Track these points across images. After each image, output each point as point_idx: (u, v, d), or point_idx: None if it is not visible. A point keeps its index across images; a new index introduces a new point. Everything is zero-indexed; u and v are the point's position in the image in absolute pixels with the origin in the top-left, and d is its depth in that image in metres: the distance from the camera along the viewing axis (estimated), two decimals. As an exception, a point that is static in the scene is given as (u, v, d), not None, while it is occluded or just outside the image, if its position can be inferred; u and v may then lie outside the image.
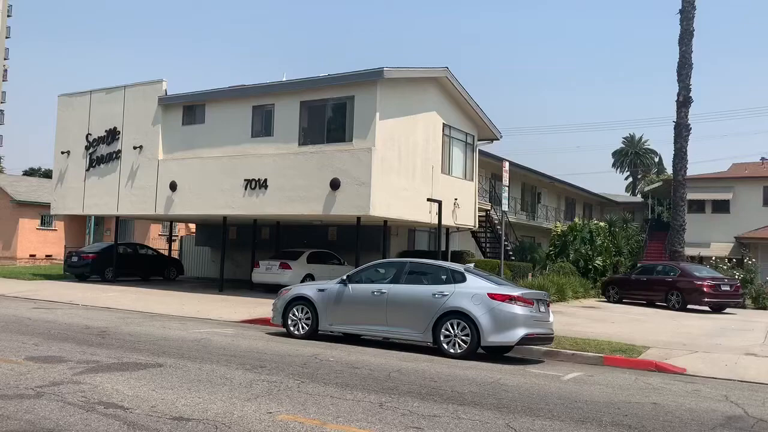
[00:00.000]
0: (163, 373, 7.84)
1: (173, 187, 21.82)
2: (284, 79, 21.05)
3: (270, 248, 24.98)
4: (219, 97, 21.70)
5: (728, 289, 21.69)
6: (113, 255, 25.08)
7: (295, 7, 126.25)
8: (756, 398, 8.09)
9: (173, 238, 31.14)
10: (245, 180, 20.29)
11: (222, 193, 20.80)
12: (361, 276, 11.82)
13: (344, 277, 11.81)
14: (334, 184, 18.53)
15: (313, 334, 11.76)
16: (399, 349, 11.03)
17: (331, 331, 11.92)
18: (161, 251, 29.29)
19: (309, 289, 12.18)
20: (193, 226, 35.38)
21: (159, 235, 39.38)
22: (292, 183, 19.35)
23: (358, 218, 19.34)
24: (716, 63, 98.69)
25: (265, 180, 19.90)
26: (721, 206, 36.64)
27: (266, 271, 21.79)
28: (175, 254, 31.00)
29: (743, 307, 23.23)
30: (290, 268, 21.34)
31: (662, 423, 6.48)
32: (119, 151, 23.41)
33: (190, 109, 22.22)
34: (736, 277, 24.59)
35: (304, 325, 11.84)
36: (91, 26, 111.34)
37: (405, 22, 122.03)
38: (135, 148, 22.90)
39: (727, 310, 21.80)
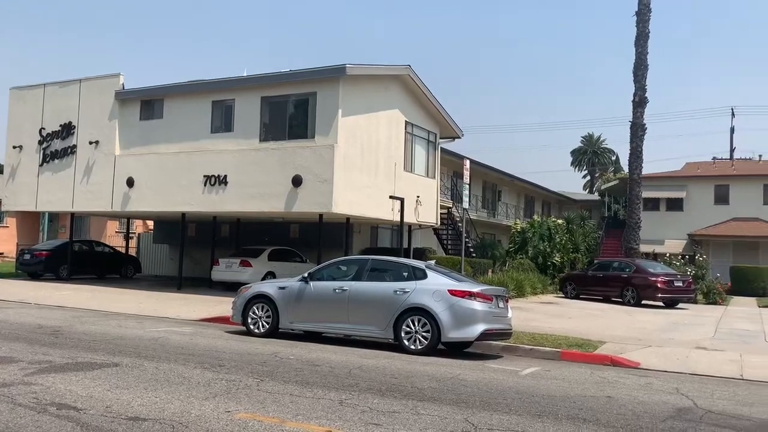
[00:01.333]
0: (118, 372, 7.69)
1: (130, 183, 21.37)
2: (245, 75, 20.82)
3: (230, 246, 24.69)
4: (178, 92, 21.32)
5: (681, 285, 22.33)
6: (68, 252, 24.43)
7: (257, 3, 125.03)
8: (705, 390, 8.36)
9: (130, 235, 30.50)
10: (204, 176, 20.00)
11: (180, 189, 20.46)
12: (323, 273, 11.81)
13: (305, 275, 11.77)
14: (296, 181, 18.42)
15: (274, 332, 11.68)
16: (360, 347, 11.05)
17: (292, 329, 11.88)
18: (118, 249, 28.65)
19: (269, 287, 12.10)
20: (150, 223, 34.70)
21: (116, 232, 38.49)
22: (253, 179, 19.16)
23: (321, 215, 19.27)
24: (671, 65, 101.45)
25: (225, 176, 19.65)
26: (675, 204, 37.70)
27: (226, 269, 21.54)
28: (132, 252, 30.39)
29: (695, 302, 23.94)
30: (251, 266, 21.14)
31: (616, 416, 6.64)
32: (74, 146, 22.80)
33: (148, 103, 21.78)
34: (689, 273, 25.32)
35: (264, 323, 11.75)
36: (39, 17, 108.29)
37: (370, 20, 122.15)
38: (91, 143, 22.33)
39: (680, 305, 22.44)
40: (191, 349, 9.80)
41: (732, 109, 55.55)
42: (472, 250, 28.32)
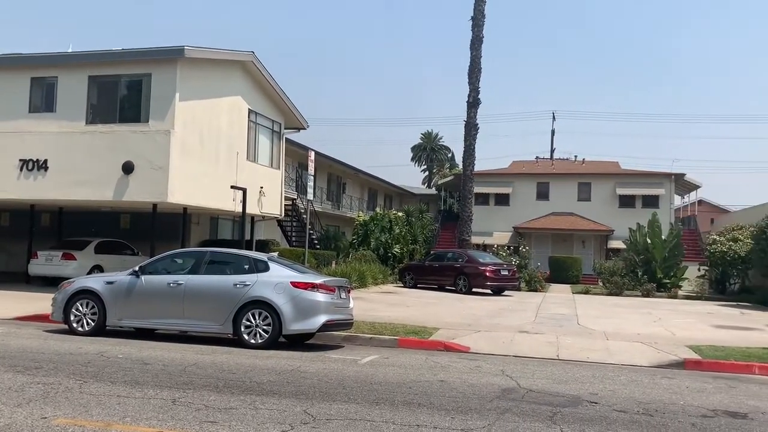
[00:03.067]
0: None
1: (-73, 165, 18.68)
2: (70, 50, 19.06)
3: (52, 237, 22.50)
4: (-11, 65, 19.00)
5: (507, 273, 24.12)
6: None
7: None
8: (527, 371, 9.09)
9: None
10: (21, 160, 18.06)
11: (-9, 174, 18.27)
12: (157, 266, 11.19)
13: (136, 268, 11.07)
14: (128, 168, 17.24)
15: (101, 330, 10.86)
16: (197, 343, 10.62)
17: (121, 327, 11.13)
18: None
19: (95, 282, 11.24)
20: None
21: None
22: (78, 165, 17.62)
23: (155, 205, 18.22)
24: (502, 68, 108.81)
25: (45, 161, 17.89)
26: (503, 199, 40.60)
27: (46, 263, 19.62)
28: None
29: (519, 289, 25.99)
30: (75, 259, 19.45)
31: (448, 399, 6.99)
32: None
33: (-49, 76, 19.16)
34: (513, 262, 27.44)
35: (89, 320, 10.88)
36: None
37: (210, 8, 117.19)
38: None
39: (506, 292, 24.24)
40: (2, 351, 8.79)
41: (553, 113, 60.71)
42: (316, 241, 28.41)
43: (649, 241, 28.91)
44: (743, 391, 8.28)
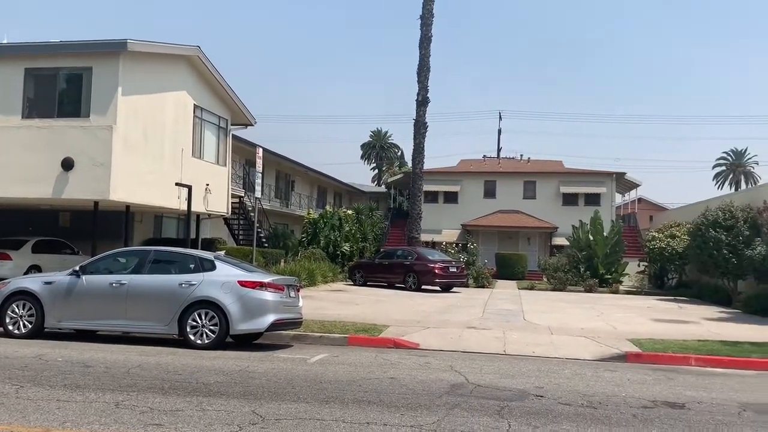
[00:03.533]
0: None
1: None
2: (5, 42, 18.26)
3: (-15, 236, 21.52)
4: None
5: (455, 270, 24.40)
6: None
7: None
8: (475, 366, 9.21)
9: None
10: (-50, 155, 17.17)
11: None
12: (98, 266, 10.85)
13: (77, 268, 10.71)
14: (67, 164, 16.64)
15: (39, 332, 10.45)
16: (142, 344, 10.34)
17: (61, 329, 10.75)
18: None
19: (33, 282, 10.81)
20: None
21: None
22: (13, 161, 16.90)
23: (96, 203, 17.64)
24: (453, 67, 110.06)
25: (-23, 156, 17.07)
26: (451, 197, 41.02)
27: (-21, 263, 18.73)
28: None
29: (467, 286, 26.33)
30: (10, 259, 18.63)
31: (398, 395, 7.02)
32: None
33: None
34: (462, 259, 27.77)
35: (26, 322, 10.46)
36: None
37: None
38: None
39: (454, 289, 24.52)
40: (-71, 358, 8.36)
41: (499, 112, 61.67)
42: (264, 240, 28.07)
43: (591, 237, 29.73)
44: (681, 382, 8.62)
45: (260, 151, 21.26)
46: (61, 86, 17.72)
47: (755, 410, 6.99)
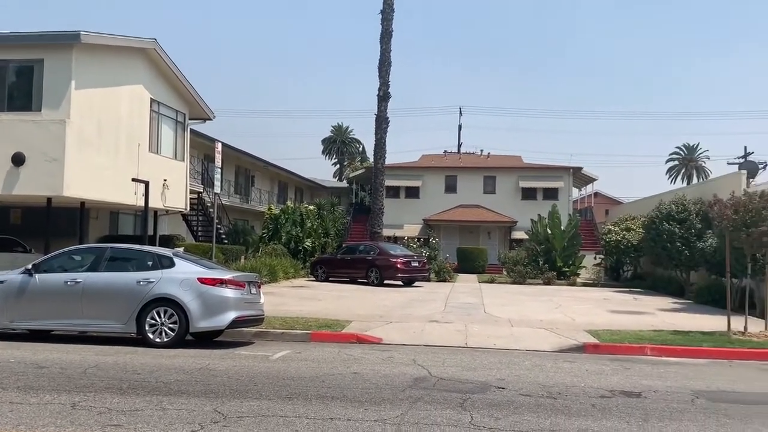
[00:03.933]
0: None
1: None
2: (-51, 31, 17.53)
3: (-70, 234, 20.69)
4: None
5: (417, 265, 24.53)
6: None
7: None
8: (437, 360, 9.28)
9: None
10: None
11: None
12: (52, 264, 10.54)
13: (30, 266, 10.39)
14: (18, 160, 16.11)
15: (-11, 333, 10.11)
16: (99, 343, 10.11)
17: (13, 329, 10.42)
18: None
19: (-18, 282, 10.42)
20: None
21: None
22: (-39, 156, 16.27)
23: (49, 199, 17.13)
24: (414, 62, 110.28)
25: None
26: (413, 192, 41.19)
27: (-76, 262, 18.01)
28: None
29: (429, 280, 26.48)
30: (-42, 258, 17.97)
31: (361, 390, 7.02)
32: None
33: None
34: (424, 254, 27.91)
35: (-24, 323, 10.09)
36: None
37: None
38: None
39: (417, 283, 24.66)
40: None
41: (460, 108, 62.27)
42: (224, 236, 27.71)
43: (549, 231, 30.24)
44: (637, 371, 8.85)
45: (219, 146, 20.96)
46: (10, 79, 17.13)
47: (708, 397, 7.23)
